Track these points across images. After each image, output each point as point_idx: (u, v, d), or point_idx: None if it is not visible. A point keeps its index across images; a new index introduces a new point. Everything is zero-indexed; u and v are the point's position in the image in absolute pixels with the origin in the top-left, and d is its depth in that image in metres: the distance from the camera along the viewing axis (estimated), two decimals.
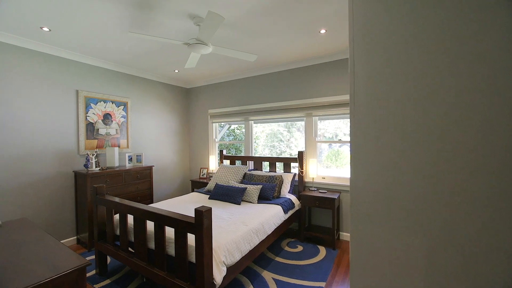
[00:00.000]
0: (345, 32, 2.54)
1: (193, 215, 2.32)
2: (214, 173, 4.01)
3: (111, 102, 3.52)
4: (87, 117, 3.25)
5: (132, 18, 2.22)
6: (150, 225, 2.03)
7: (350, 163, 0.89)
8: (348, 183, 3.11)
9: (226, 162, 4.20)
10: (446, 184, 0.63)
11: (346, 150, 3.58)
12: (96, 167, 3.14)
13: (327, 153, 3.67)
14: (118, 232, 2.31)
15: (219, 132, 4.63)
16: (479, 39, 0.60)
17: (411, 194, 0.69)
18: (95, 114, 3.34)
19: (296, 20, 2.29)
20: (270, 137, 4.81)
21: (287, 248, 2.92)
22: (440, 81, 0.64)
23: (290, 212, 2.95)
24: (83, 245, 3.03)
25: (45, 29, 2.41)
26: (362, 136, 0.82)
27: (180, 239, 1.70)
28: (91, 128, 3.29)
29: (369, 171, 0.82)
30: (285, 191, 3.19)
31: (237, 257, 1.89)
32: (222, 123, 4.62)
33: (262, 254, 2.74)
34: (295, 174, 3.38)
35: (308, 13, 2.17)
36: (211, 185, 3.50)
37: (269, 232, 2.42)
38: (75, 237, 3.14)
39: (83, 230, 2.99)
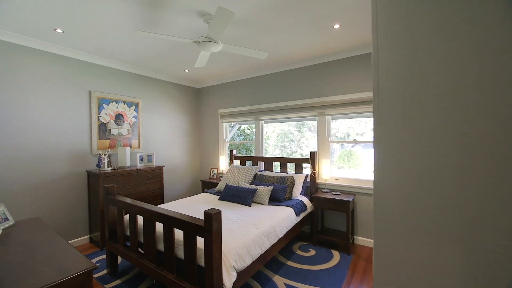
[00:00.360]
0: (361, 26, 2.42)
1: (202, 216, 2.27)
2: (224, 174, 3.96)
3: (123, 103, 3.55)
4: (100, 117, 3.28)
5: (143, 17, 2.20)
6: (159, 227, 2.00)
7: (374, 163, 0.83)
8: (363, 185, 2.98)
9: (237, 162, 4.15)
10: (474, 178, 0.61)
11: (358, 150, 3.45)
12: (108, 167, 3.17)
13: (339, 154, 3.55)
14: (128, 233, 2.31)
15: (229, 132, 4.59)
16: (506, 28, 0.56)
17: (439, 192, 0.66)
18: (107, 114, 3.37)
19: (309, 15, 2.20)
20: (281, 137, 4.73)
21: (299, 252, 2.83)
22: (464, 73, 0.62)
23: (302, 215, 2.85)
24: (96, 244, 3.06)
25: (59, 30, 2.44)
26: (386, 134, 0.78)
27: (189, 242, 1.65)
28: (103, 128, 3.33)
29: (394, 171, 0.79)
30: (297, 193, 3.09)
31: (248, 261, 1.82)
32: (232, 123, 4.57)
33: (273, 258, 2.66)
34: (307, 175, 3.28)
35: (321, 7, 2.07)
36: (221, 186, 3.46)
37: (281, 236, 2.34)
38: (88, 236, 3.18)
39: (96, 229, 3.02)
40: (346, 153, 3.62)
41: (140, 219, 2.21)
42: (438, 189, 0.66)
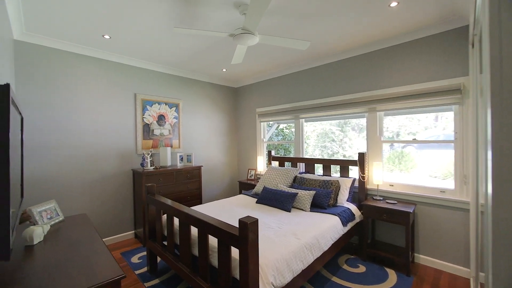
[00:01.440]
0: (424, 1, 1.99)
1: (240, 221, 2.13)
2: (262, 175, 3.81)
3: (164, 104, 3.66)
4: (144, 118, 3.43)
5: (180, 14, 2.16)
6: (194, 230, 1.92)
7: (493, 173, 0.55)
8: (426, 194, 2.50)
9: (275, 163, 3.94)
10: None
11: (412, 152, 2.92)
12: (150, 166, 3.28)
13: (388, 155, 3.08)
14: (166, 233, 2.30)
15: (267, 131, 4.42)
16: None
17: None
18: (151, 115, 3.51)
19: None
20: (322, 137, 4.38)
21: (345, 267, 2.49)
22: None
23: (350, 225, 2.51)
24: (139, 240, 3.19)
25: (106, 36, 2.58)
26: None
27: (223, 251, 1.51)
28: (147, 129, 3.47)
29: None
30: (343, 199, 2.74)
31: (288, 278, 1.60)
32: (270, 123, 4.39)
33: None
34: (354, 180, 2.90)
35: None
36: (258, 188, 3.30)
37: (325, 249, 2.05)
38: (133, 231, 3.34)
39: (140, 226, 3.15)
40: (397, 154, 3.13)
41: (176, 221, 2.17)
42: None
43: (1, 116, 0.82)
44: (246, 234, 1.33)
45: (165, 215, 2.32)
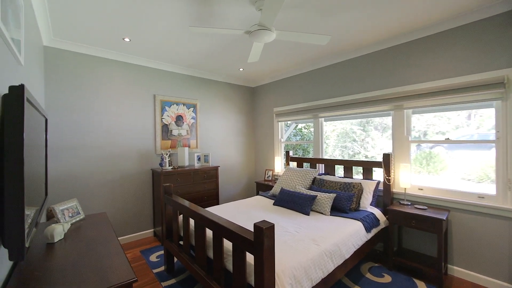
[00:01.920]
0: None
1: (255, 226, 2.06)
2: (279, 176, 3.71)
3: (182, 105, 3.70)
4: (162, 119, 3.49)
5: (196, 14, 2.14)
6: (209, 232, 1.88)
7: None
8: (461, 199, 2.26)
9: (293, 164, 3.83)
10: None
11: (441, 152, 2.66)
12: (169, 166, 3.32)
13: (414, 156, 2.84)
14: (182, 233, 2.29)
15: (285, 131, 4.31)
16: None
17: None
18: (169, 116, 3.56)
19: None
20: (342, 137, 4.19)
21: (369, 276, 2.32)
22: None
23: (374, 231, 2.34)
24: (158, 238, 3.24)
25: (126, 39, 2.64)
26: None
27: (238, 256, 1.45)
28: (165, 130, 3.52)
29: None
30: (366, 203, 2.58)
31: (306, 286, 1.51)
32: (288, 122, 4.28)
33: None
34: (378, 182, 2.71)
35: None
36: (276, 189, 3.21)
37: (347, 256, 1.92)
38: (152, 229, 3.40)
39: (159, 224, 3.20)
40: (425, 155, 2.88)
41: (192, 222, 2.15)
42: None
43: (16, 116, 0.82)
44: (261, 240, 1.25)
45: (182, 216, 2.31)
